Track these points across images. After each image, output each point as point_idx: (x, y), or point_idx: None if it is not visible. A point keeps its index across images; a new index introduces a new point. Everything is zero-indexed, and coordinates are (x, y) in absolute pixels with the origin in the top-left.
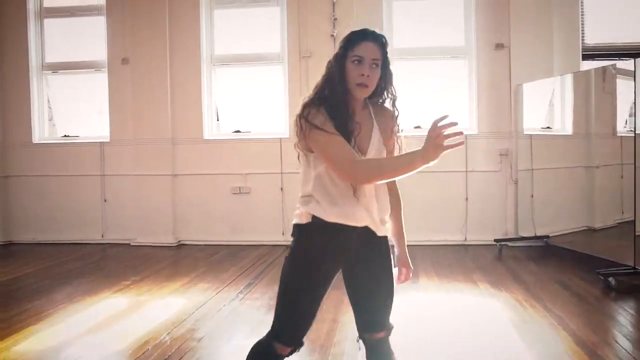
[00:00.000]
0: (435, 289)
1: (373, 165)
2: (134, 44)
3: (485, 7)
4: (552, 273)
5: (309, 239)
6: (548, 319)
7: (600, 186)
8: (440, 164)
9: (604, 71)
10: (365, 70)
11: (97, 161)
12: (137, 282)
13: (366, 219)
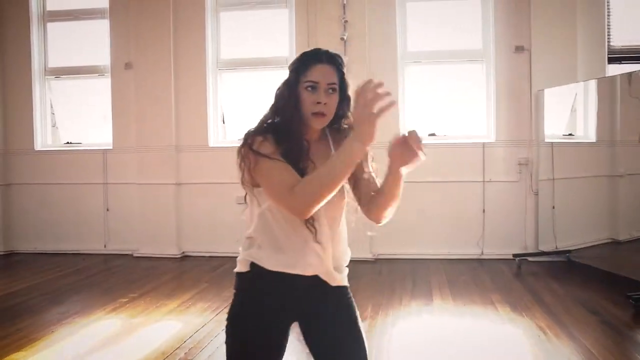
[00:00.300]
0: (450, 313)
1: (310, 181)
2: (138, 48)
3: (504, 8)
4: (576, 294)
5: (247, 292)
6: (574, 350)
7: (626, 196)
8: (456, 173)
9: (629, 76)
10: (321, 97)
11: (100, 169)
12: (134, 300)
13: (317, 267)
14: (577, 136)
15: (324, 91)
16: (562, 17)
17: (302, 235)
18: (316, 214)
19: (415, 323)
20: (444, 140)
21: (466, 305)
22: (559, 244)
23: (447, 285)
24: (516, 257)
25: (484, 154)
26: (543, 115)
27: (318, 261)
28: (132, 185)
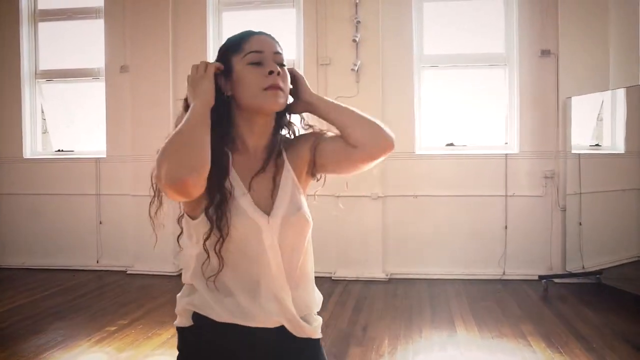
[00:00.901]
0: (477, 346)
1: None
2: (134, 50)
3: (529, 8)
4: (615, 325)
5: (191, 353)
6: None
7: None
8: (476, 187)
9: None
10: (270, 65)
11: (93, 179)
12: (124, 329)
13: (278, 315)
14: (604, 147)
15: (271, 60)
16: (592, 18)
17: (254, 272)
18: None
19: (438, 357)
20: (463, 151)
21: (495, 338)
22: (586, 263)
23: (470, 312)
24: (542, 279)
25: (507, 166)
26: (570, 124)
27: (277, 307)
28: (127, 196)
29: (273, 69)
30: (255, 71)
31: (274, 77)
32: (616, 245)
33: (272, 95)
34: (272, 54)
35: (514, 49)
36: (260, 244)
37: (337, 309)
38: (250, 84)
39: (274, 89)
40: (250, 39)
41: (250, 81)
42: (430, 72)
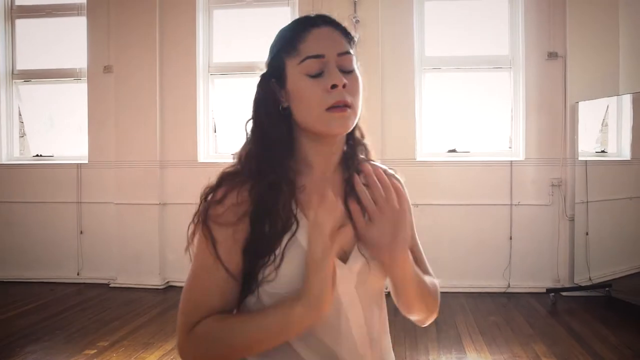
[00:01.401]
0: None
1: (214, 343)
2: (119, 50)
3: (536, 8)
4: (631, 343)
5: None
6: None
7: None
8: (480, 195)
9: None
10: (334, 76)
11: (74, 186)
12: (104, 352)
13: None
14: (610, 153)
15: (334, 66)
16: (602, 20)
17: (329, 339)
18: (350, 299)
19: None
20: (466, 158)
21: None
22: (593, 274)
23: (477, 329)
24: (550, 292)
25: (512, 174)
26: (577, 130)
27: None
28: (109, 205)
29: (337, 81)
30: (315, 85)
31: (339, 92)
32: (623, 255)
33: (338, 118)
34: (335, 57)
35: (519, 51)
36: (336, 300)
37: None
38: (310, 103)
39: (339, 111)
40: (307, 37)
41: (309, 98)
42: (432, 74)
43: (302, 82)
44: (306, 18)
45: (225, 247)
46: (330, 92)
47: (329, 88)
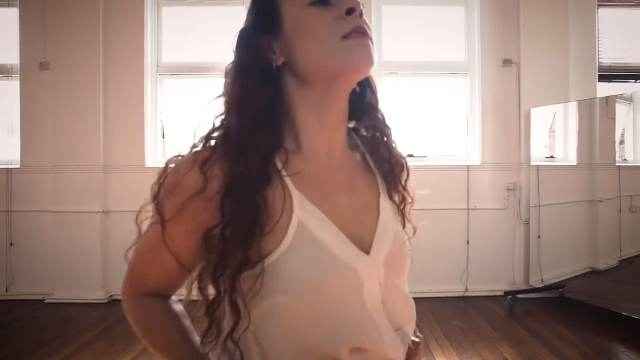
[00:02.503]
0: None
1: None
2: (57, 45)
3: (491, 16)
4: (592, 342)
5: None
6: None
7: (604, 222)
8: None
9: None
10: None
11: (3, 193)
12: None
13: None
14: (558, 159)
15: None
16: (553, 29)
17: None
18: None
19: None
20: (423, 162)
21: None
22: (545, 276)
23: (443, 334)
24: (507, 295)
25: (469, 178)
26: (530, 135)
27: None
28: (45, 213)
29: (353, 3)
30: (324, 14)
31: (354, 18)
32: (573, 257)
33: (359, 45)
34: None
35: (475, 57)
36: (361, 302)
37: None
38: (320, 35)
39: (359, 37)
40: None
41: (317, 29)
42: (390, 79)
43: (306, 14)
44: None
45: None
46: (345, 18)
47: (343, 14)
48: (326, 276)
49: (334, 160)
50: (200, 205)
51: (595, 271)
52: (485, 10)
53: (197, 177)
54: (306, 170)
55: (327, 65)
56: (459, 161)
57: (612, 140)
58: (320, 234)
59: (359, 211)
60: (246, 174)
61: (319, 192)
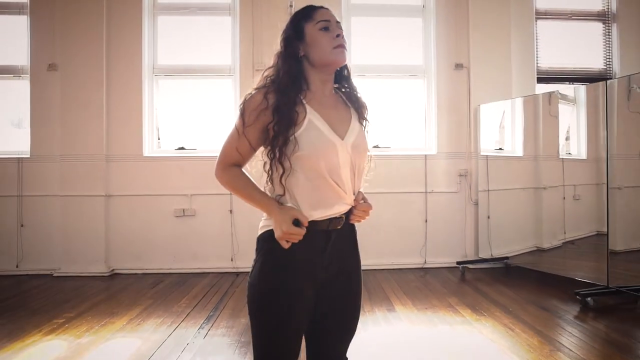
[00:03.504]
0: (416, 317)
1: (233, 180)
2: (64, 49)
3: (445, 26)
4: (524, 294)
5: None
6: (542, 340)
7: (548, 207)
8: (400, 184)
9: (549, 95)
10: (337, 30)
11: (14, 180)
12: (73, 320)
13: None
14: (506, 150)
15: (335, 26)
16: (498, 37)
17: (336, 191)
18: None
19: (386, 328)
20: (388, 152)
21: (429, 309)
22: (494, 252)
23: (402, 291)
24: (460, 265)
25: (426, 166)
26: (480, 129)
27: (345, 208)
28: (53, 197)
29: (339, 32)
30: (325, 35)
31: (340, 39)
32: (518, 236)
33: (340, 52)
34: (335, 22)
35: (431, 62)
36: (337, 161)
37: None
38: (323, 44)
39: (341, 48)
40: (318, 11)
41: (322, 42)
42: (359, 80)
43: (318, 34)
44: (313, 5)
45: (247, 131)
46: (335, 38)
47: (334, 36)
48: (320, 144)
49: (327, 96)
50: (262, 112)
51: (540, 249)
52: (440, 21)
53: (261, 98)
54: (314, 100)
55: (326, 59)
56: (418, 151)
57: (556, 135)
58: (319, 126)
59: (340, 119)
60: (287, 99)
61: (319, 108)
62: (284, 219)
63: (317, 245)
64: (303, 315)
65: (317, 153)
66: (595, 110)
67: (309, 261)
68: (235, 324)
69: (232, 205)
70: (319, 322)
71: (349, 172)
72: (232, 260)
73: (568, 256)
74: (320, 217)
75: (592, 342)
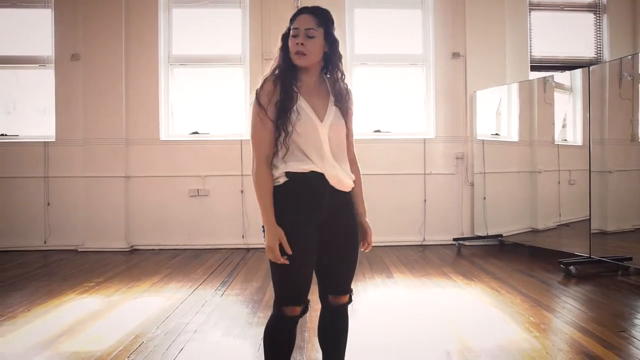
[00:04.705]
0: (411, 283)
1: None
2: (87, 39)
3: (442, 17)
4: (513, 265)
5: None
6: (525, 299)
7: (542, 190)
8: (400, 167)
9: (544, 82)
10: (299, 39)
11: (41, 162)
12: (102, 284)
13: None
14: (502, 136)
15: (302, 35)
16: (493, 27)
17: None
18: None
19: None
20: (389, 136)
21: (423, 277)
22: (490, 231)
23: (400, 263)
24: (456, 241)
25: (425, 149)
26: (476, 114)
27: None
28: (77, 178)
29: (299, 41)
30: (292, 40)
31: (299, 46)
32: (513, 217)
33: (297, 58)
34: (304, 30)
35: (430, 51)
36: (320, 139)
37: None
38: (290, 47)
39: (299, 55)
40: (297, 18)
41: (290, 44)
42: (361, 69)
43: (290, 38)
44: (302, 8)
45: (267, 110)
46: (296, 45)
47: (295, 43)
48: (307, 125)
49: (313, 86)
50: (273, 94)
51: (534, 230)
52: (438, 13)
53: (272, 84)
54: (303, 88)
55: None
56: (417, 135)
57: (551, 122)
58: (306, 110)
59: (322, 105)
60: (287, 86)
61: (308, 96)
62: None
63: (317, 193)
64: (310, 249)
65: (306, 132)
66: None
67: (311, 205)
68: (248, 287)
69: (243, 186)
70: (324, 254)
71: (328, 144)
72: (243, 237)
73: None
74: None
75: (571, 300)
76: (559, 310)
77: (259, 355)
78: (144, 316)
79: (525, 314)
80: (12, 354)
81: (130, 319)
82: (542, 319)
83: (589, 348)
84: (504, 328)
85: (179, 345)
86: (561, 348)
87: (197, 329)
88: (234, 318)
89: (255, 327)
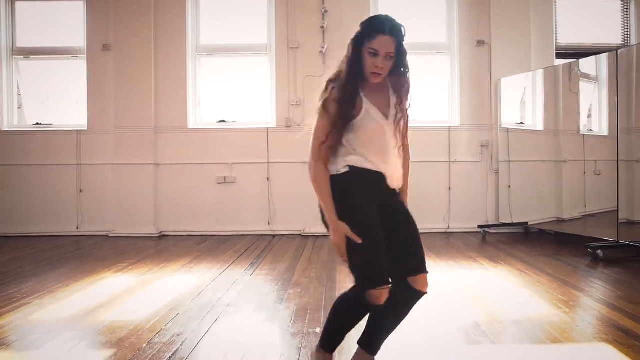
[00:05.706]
0: (437, 267)
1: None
2: (117, 30)
3: (467, 5)
4: (541, 251)
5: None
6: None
7: (568, 180)
8: (425, 154)
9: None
10: (379, 62)
11: (73, 150)
12: (135, 264)
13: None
14: (527, 124)
15: (382, 57)
16: (518, 15)
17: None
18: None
19: None
20: (413, 124)
21: (451, 260)
22: (514, 219)
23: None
24: (481, 228)
25: (450, 137)
26: (500, 102)
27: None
28: (107, 166)
29: (378, 65)
30: (370, 59)
31: (378, 69)
32: (538, 206)
33: (373, 78)
34: (384, 53)
35: (455, 39)
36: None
37: (313, 257)
38: (365, 64)
39: (376, 76)
40: (376, 39)
41: (365, 62)
42: None
43: (366, 54)
44: (381, 24)
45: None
46: (374, 67)
47: (374, 65)
48: (374, 126)
49: (377, 89)
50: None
51: (560, 220)
52: (462, 1)
53: (338, 90)
54: (368, 92)
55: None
56: (442, 123)
57: (576, 111)
58: (372, 113)
59: (384, 101)
60: (350, 92)
61: (373, 99)
62: (340, 235)
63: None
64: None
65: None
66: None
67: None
68: (277, 267)
69: (269, 173)
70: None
71: (394, 143)
72: (269, 224)
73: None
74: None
75: (598, 281)
76: (587, 289)
77: (290, 327)
78: (177, 291)
79: (553, 292)
80: (55, 320)
81: (164, 294)
82: (570, 297)
83: (619, 322)
84: (532, 304)
85: (214, 317)
86: (591, 322)
87: (229, 303)
88: (266, 294)
89: (286, 302)
